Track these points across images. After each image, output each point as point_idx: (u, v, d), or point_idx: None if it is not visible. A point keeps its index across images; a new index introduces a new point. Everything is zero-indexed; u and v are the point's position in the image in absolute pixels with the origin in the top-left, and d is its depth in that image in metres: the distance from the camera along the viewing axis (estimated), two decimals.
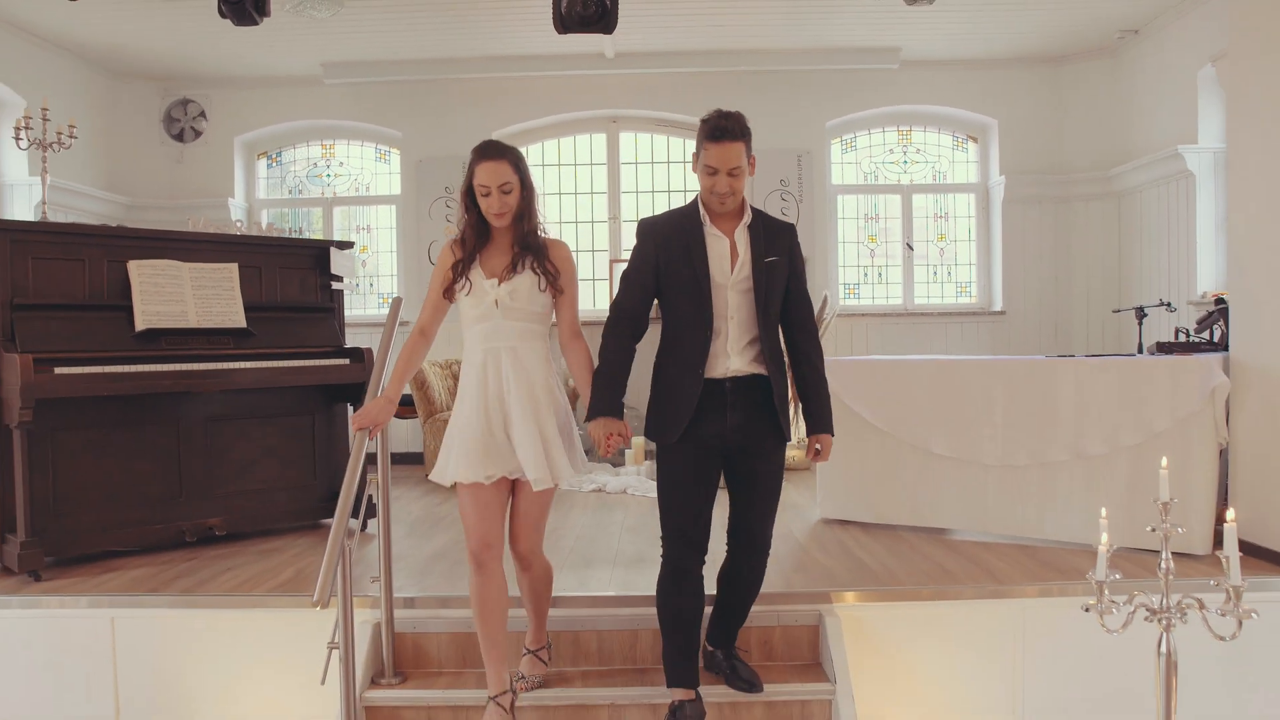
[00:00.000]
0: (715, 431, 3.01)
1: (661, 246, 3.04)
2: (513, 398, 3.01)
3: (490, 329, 3.03)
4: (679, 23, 6.76)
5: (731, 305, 3.01)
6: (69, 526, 4.22)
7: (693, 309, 2.99)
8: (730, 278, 3.00)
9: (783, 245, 3.06)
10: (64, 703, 3.71)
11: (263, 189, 8.16)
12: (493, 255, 3.07)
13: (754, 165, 3.05)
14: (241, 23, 4.58)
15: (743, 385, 3.02)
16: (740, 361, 3.01)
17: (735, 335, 3.01)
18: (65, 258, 4.31)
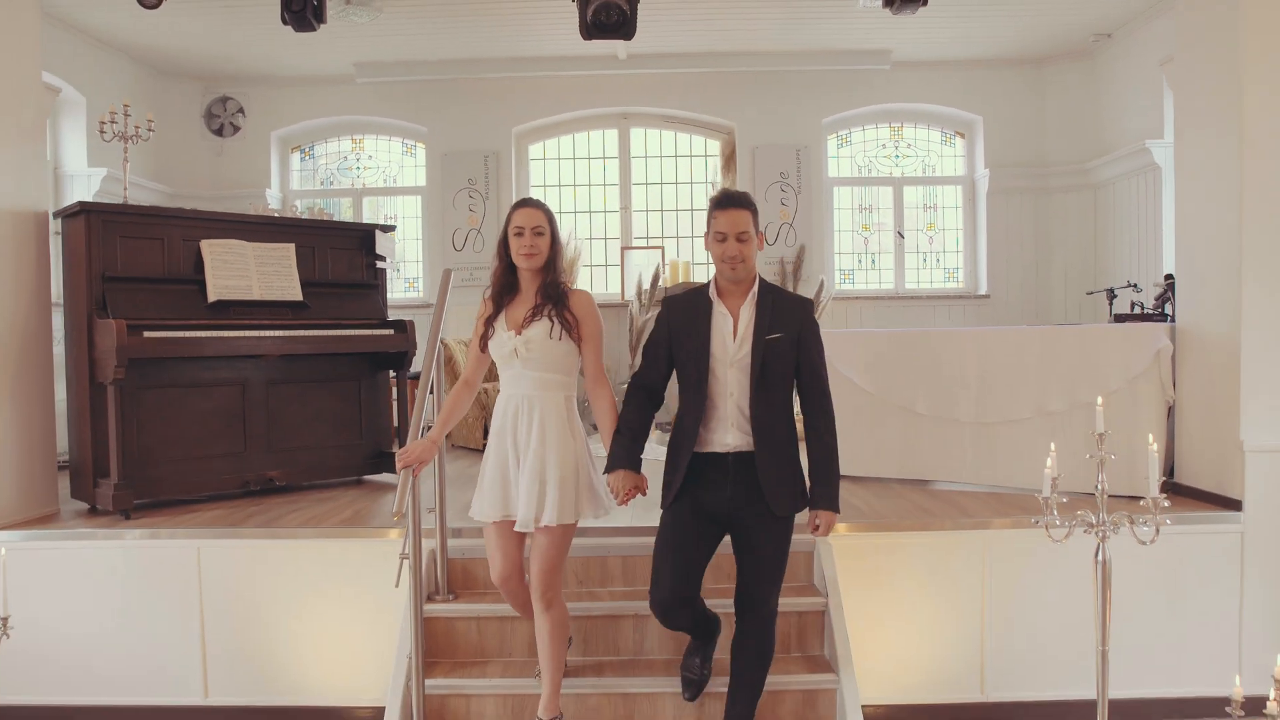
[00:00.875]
0: (716, 501, 3.12)
1: (675, 322, 3.18)
2: (525, 442, 3.19)
3: (512, 377, 3.23)
4: (687, 27, 7.31)
5: (731, 380, 3.10)
6: (150, 475, 4.77)
7: (695, 383, 3.12)
8: (730, 353, 3.10)
9: (791, 320, 3.10)
10: (156, 623, 4.26)
11: (296, 181, 8.72)
12: (518, 306, 3.26)
13: (763, 240, 3.18)
14: (301, 29, 5.14)
15: (745, 460, 3.10)
16: (739, 437, 3.10)
17: (734, 410, 3.10)
18: (146, 237, 4.87)
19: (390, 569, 4.07)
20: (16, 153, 4.62)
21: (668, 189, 8.61)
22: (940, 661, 4.22)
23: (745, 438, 3.08)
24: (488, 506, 3.24)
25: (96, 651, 4.26)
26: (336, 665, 4.22)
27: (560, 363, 3.21)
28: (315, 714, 4.25)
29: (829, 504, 3.12)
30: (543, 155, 8.63)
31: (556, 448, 3.18)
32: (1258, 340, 4.24)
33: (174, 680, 4.26)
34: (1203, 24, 4.53)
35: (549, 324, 3.17)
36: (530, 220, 3.22)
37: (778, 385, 3.09)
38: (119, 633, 4.27)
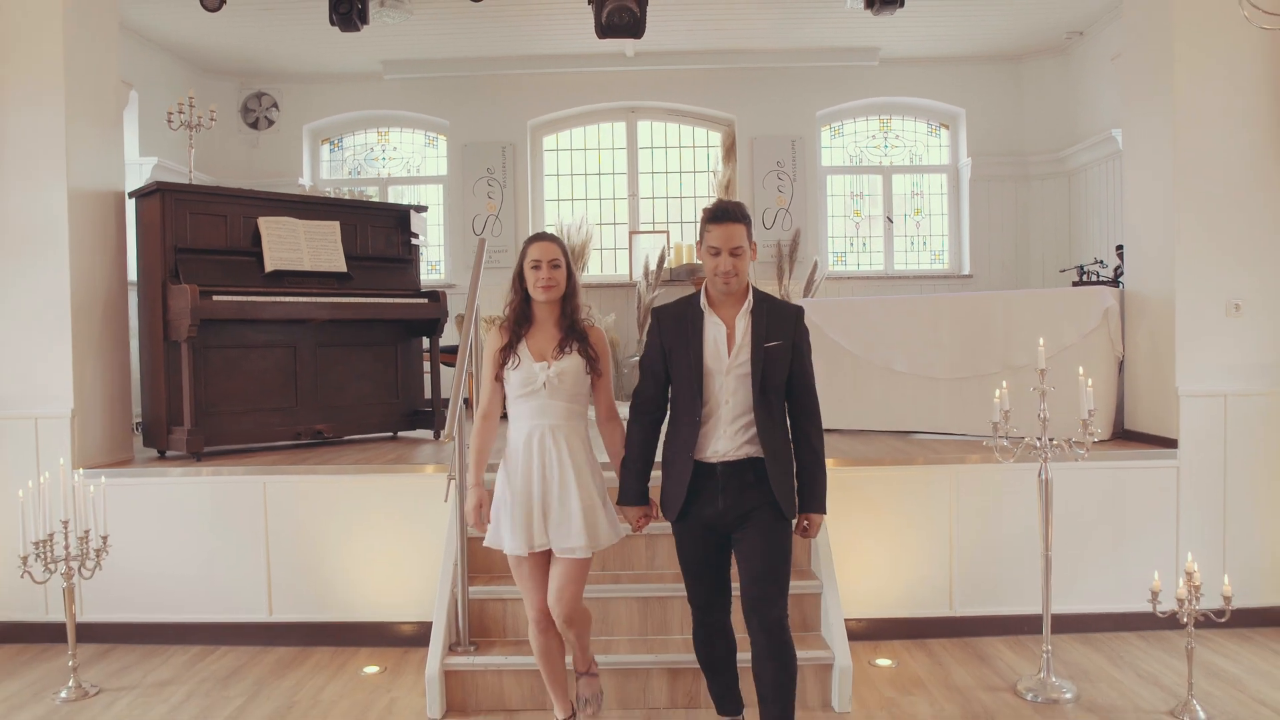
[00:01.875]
0: (711, 513, 3.16)
1: (667, 333, 3.22)
2: (555, 472, 3.26)
3: (537, 407, 3.29)
4: (690, 27, 7.91)
5: (726, 389, 3.12)
6: (214, 425, 5.38)
7: (688, 394, 3.15)
8: (725, 363, 3.12)
9: (786, 329, 3.14)
10: (226, 549, 4.87)
11: (325, 170, 9.33)
12: (538, 337, 3.34)
13: (755, 251, 3.16)
14: (347, 29, 5.75)
15: (733, 469, 3.12)
16: (730, 445, 3.12)
17: (727, 419, 3.12)
18: (211, 214, 5.48)
19: (429, 503, 4.71)
20: (100, 140, 5.23)
21: (672, 177, 9.22)
22: (914, 581, 4.82)
23: (734, 446, 3.11)
24: (520, 540, 3.28)
25: (175, 575, 4.87)
26: (383, 585, 4.82)
27: (584, 393, 3.34)
28: (365, 628, 4.86)
29: (818, 506, 3.19)
30: (556, 146, 9.25)
31: (588, 473, 3.30)
32: (1189, 301, 4.85)
33: (242, 599, 4.87)
34: (1143, 24, 5.14)
35: (580, 359, 3.29)
36: (547, 254, 3.30)
37: (776, 392, 3.13)
38: (194, 559, 4.88)
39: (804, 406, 3.20)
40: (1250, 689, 4.04)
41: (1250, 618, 4.81)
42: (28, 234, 4.93)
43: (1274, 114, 4.82)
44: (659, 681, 4.02)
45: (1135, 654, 4.49)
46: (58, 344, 4.93)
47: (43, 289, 4.93)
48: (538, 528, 3.27)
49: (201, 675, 4.45)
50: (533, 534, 3.27)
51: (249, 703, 4.10)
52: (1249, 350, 4.84)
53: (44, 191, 4.92)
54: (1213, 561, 4.75)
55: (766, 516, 3.11)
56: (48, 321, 4.93)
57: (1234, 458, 4.86)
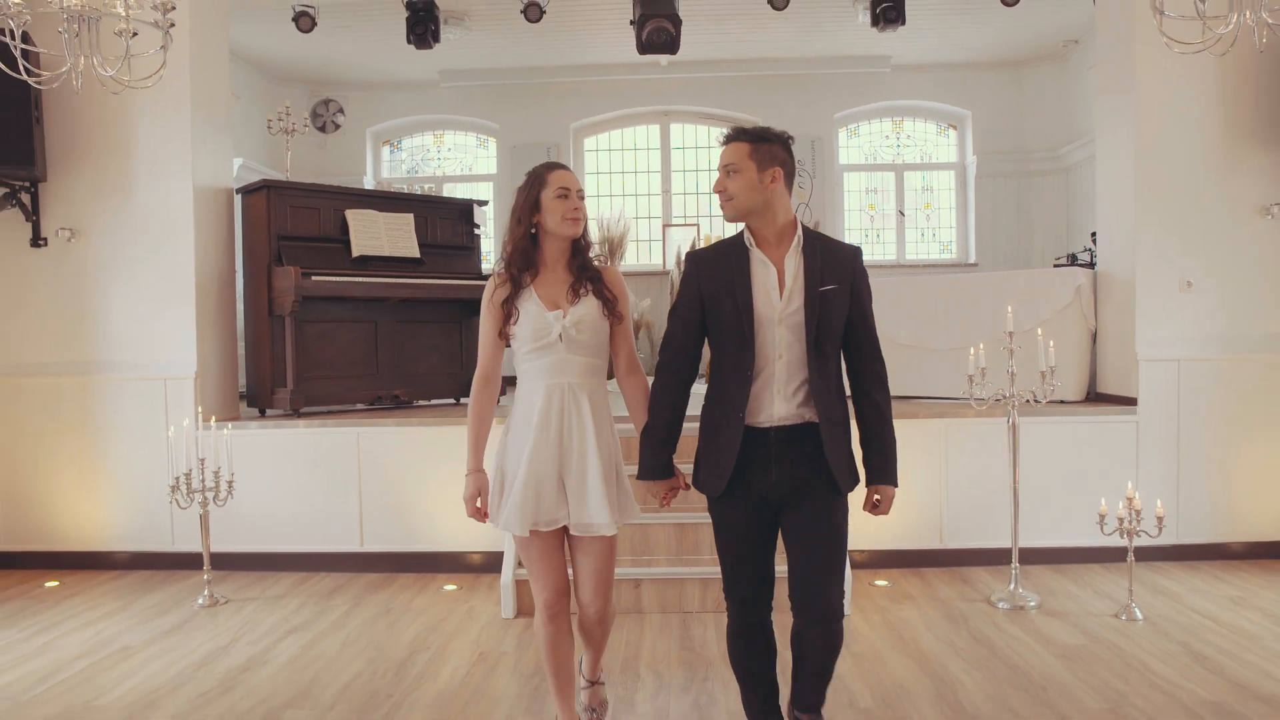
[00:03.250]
0: (763, 485, 2.75)
1: (706, 278, 2.80)
2: (575, 439, 2.85)
3: (553, 364, 2.86)
4: (719, 39, 8.73)
5: (780, 343, 2.71)
6: (309, 387, 6.28)
7: (735, 347, 2.73)
8: (778, 310, 2.71)
9: (844, 271, 2.74)
10: (326, 490, 5.77)
11: (386, 170, 10.26)
12: (547, 284, 2.92)
13: (779, 179, 2.75)
14: (421, 47, 6.66)
15: (790, 435, 2.73)
16: (786, 407, 2.72)
17: (783, 377, 2.72)
18: (307, 206, 6.38)
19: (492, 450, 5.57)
20: (215, 145, 6.15)
21: (703, 175, 10.07)
22: (909, 518, 5.63)
23: (791, 408, 2.71)
24: (528, 515, 2.83)
25: (281, 512, 5.78)
26: (457, 521, 5.68)
27: (603, 345, 2.92)
28: (441, 557, 5.73)
29: (888, 477, 2.81)
30: (596, 147, 10.11)
31: (611, 438, 2.92)
32: (1147, 279, 5.64)
33: (338, 533, 5.77)
34: (1111, 39, 5.93)
35: (596, 301, 2.89)
36: (574, 182, 2.91)
37: (831, 345, 2.73)
38: (297, 498, 5.78)
39: (866, 360, 2.81)
40: (1186, 601, 4.83)
41: (1197, 551, 5.60)
42: (157, 225, 5.85)
43: (1223, 119, 5.60)
44: (692, 589, 4.88)
45: (1096, 578, 5.29)
46: (184, 318, 5.85)
47: (170, 272, 5.84)
48: (552, 502, 2.84)
49: (309, 591, 5.35)
50: (542, 509, 2.84)
51: (352, 609, 4.99)
52: (1199, 322, 5.62)
53: (171, 189, 5.84)
54: (1167, 503, 5.53)
55: (823, 491, 2.73)
56: (175, 299, 5.85)
57: (1186, 414, 5.63)
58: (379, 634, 4.58)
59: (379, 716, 3.58)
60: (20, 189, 5.77)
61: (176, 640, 4.52)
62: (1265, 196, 5.60)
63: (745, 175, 2.73)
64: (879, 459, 2.82)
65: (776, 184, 2.75)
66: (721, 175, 2.78)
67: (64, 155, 5.84)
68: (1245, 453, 5.62)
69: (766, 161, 2.73)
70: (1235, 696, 3.58)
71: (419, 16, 6.75)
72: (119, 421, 5.90)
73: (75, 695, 3.85)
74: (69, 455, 5.92)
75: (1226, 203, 5.62)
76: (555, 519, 2.86)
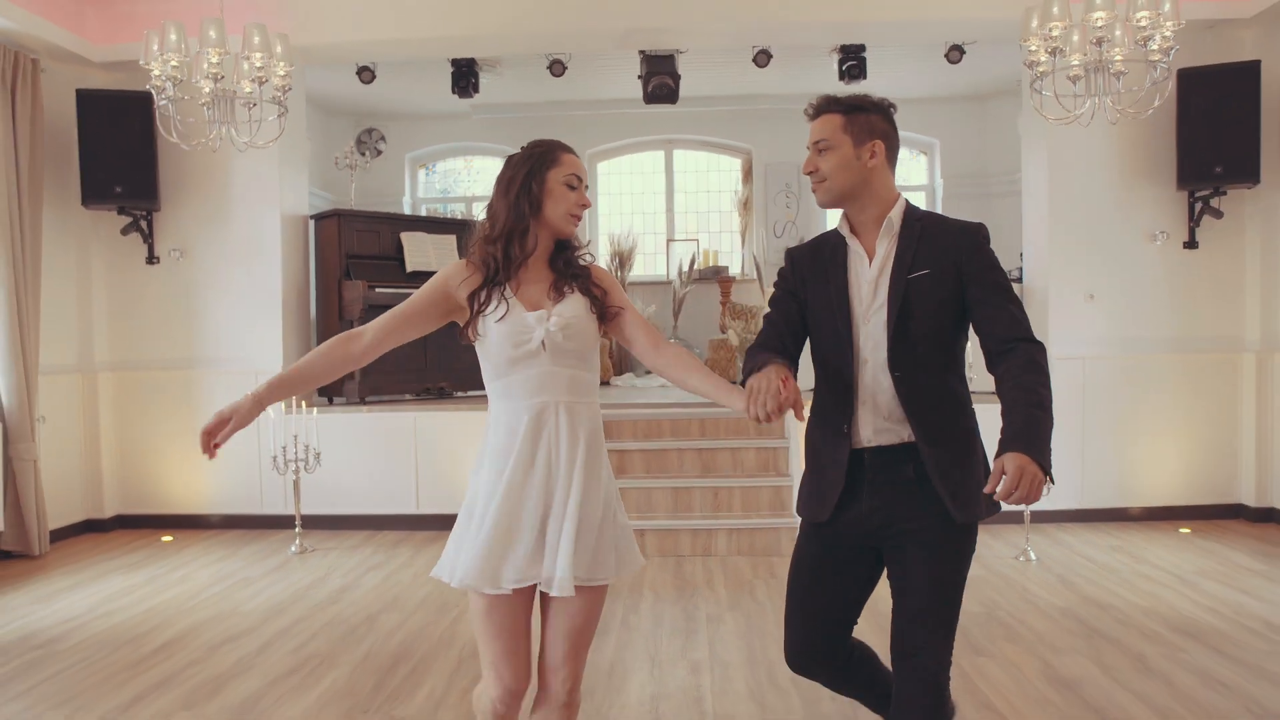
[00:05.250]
0: (852, 516, 2.37)
1: (801, 268, 2.48)
2: (562, 469, 2.31)
3: (537, 378, 2.33)
4: (716, 80, 9.99)
5: (867, 344, 2.33)
6: (371, 380, 7.58)
7: (833, 352, 2.37)
8: (865, 305, 2.35)
9: (945, 252, 2.30)
10: (387, 463, 7.07)
11: (421, 190, 11.56)
12: (527, 282, 2.39)
13: (880, 154, 2.38)
14: (464, 97, 7.95)
15: (884, 459, 2.33)
16: (876, 423, 2.32)
17: (870, 387, 2.32)
18: (368, 230, 7.69)
19: None
20: (294, 180, 7.47)
21: (702, 195, 11.35)
22: None
23: (881, 425, 2.32)
24: (491, 568, 2.26)
25: (351, 480, 7.08)
26: None
27: (593, 355, 2.42)
28: None
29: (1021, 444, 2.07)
30: (608, 171, 11.39)
31: (604, 472, 2.40)
32: (1058, 290, 6.91)
33: (399, 497, 7.07)
34: (1029, 92, 7.19)
35: (583, 300, 2.39)
36: (582, 170, 2.43)
37: (931, 343, 2.29)
38: (367, 470, 7.09)
39: (1003, 345, 2.27)
40: (1076, 549, 6.10)
41: (1100, 515, 6.85)
42: (249, 246, 7.18)
43: (1120, 162, 6.86)
44: (685, 538, 6.16)
45: (1012, 534, 6.54)
46: (271, 322, 7.17)
47: (260, 284, 7.16)
48: (527, 553, 2.28)
49: (377, 543, 6.65)
50: (511, 561, 2.27)
51: (415, 555, 6.29)
52: (1100, 327, 6.88)
53: (262, 217, 7.17)
54: (1075, 476, 6.80)
55: (933, 529, 2.29)
56: (264, 307, 7.17)
57: (1090, 403, 6.90)
58: None
59: (450, 618, 4.87)
60: (140, 218, 7.09)
61: (283, 574, 5.83)
62: (1154, 225, 6.86)
63: (840, 152, 2.38)
64: (1011, 423, 2.14)
65: (877, 159, 2.39)
66: (812, 153, 2.43)
67: (174, 189, 7.15)
68: (1139, 433, 6.88)
69: (864, 134, 2.39)
70: (1081, 605, 4.85)
71: (462, 71, 8.05)
72: (216, 407, 7.16)
73: (222, 604, 5.17)
74: (175, 434, 7.23)
75: (1124, 230, 6.88)
76: (526, 576, 2.27)
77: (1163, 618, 4.62)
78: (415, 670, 4.13)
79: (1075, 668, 3.93)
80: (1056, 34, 5.22)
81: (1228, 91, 6.44)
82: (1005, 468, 2.02)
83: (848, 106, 2.42)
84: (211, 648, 4.47)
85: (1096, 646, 4.20)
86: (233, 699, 3.84)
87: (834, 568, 2.44)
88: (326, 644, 4.50)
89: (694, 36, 7.44)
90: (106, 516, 7.23)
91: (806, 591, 2.46)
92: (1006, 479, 2.01)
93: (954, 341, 2.36)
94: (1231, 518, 6.86)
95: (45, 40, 6.39)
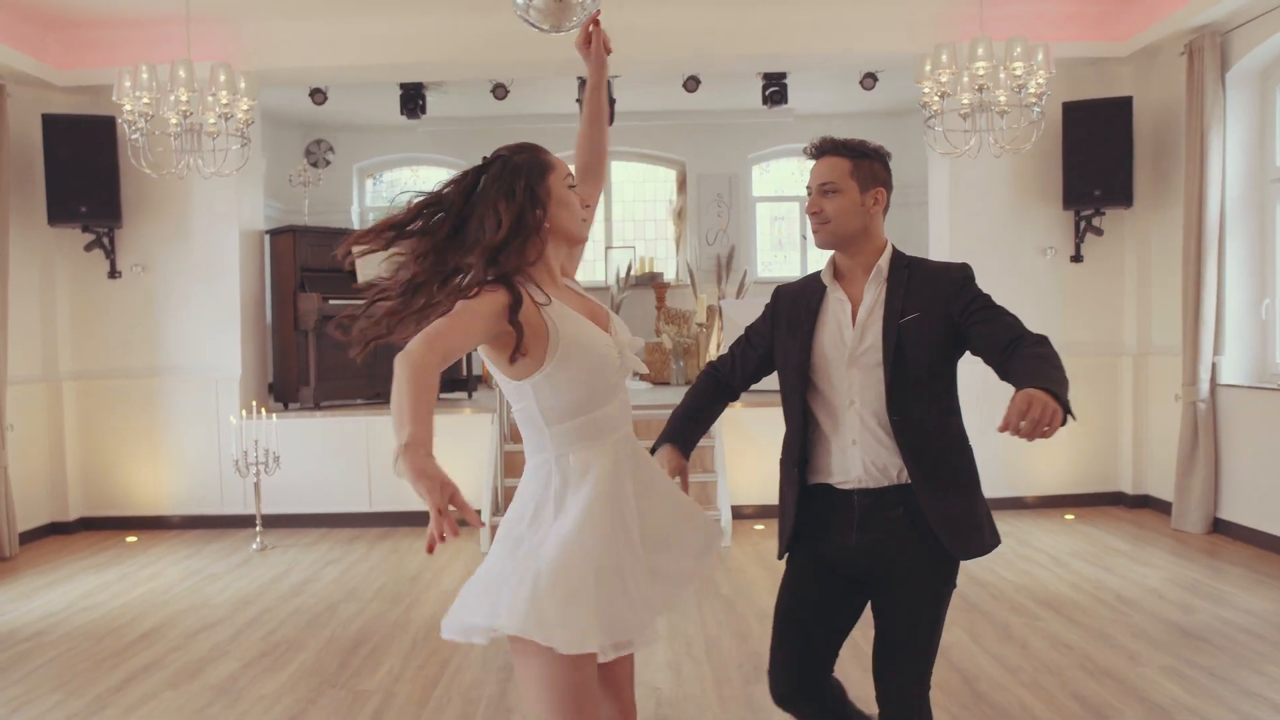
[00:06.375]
0: (838, 549, 2.37)
1: (781, 312, 2.52)
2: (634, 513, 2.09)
3: (618, 408, 2.13)
4: (650, 97, 10.56)
5: (854, 386, 2.34)
6: (326, 387, 8.05)
7: (797, 391, 2.41)
8: (848, 349, 2.35)
9: (934, 292, 2.34)
10: (342, 464, 7.55)
11: (369, 199, 11.99)
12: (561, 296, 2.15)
13: (882, 202, 2.44)
14: (412, 118, 8.43)
15: (876, 500, 2.33)
16: (866, 464, 2.32)
17: (857, 429, 2.33)
18: (321, 244, 8.14)
19: (469, 429, 7.39)
20: (251, 197, 7.90)
21: (638, 204, 11.93)
22: None
23: (872, 466, 2.33)
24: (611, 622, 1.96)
25: (307, 482, 7.54)
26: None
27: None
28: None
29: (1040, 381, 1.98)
30: None
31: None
32: None
33: (353, 496, 7.55)
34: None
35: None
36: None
37: (926, 382, 2.31)
38: (323, 471, 7.56)
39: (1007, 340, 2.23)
40: None
41: (998, 504, 7.39)
42: (208, 261, 7.60)
43: (1015, 182, 7.57)
44: None
45: None
46: (230, 333, 7.61)
47: (219, 297, 7.59)
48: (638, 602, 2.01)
49: (333, 540, 7.14)
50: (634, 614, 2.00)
51: (369, 550, 6.79)
52: None
53: (220, 233, 7.59)
54: None
55: (921, 566, 2.33)
56: (223, 318, 7.60)
57: (987, 404, 7.55)
58: (392, 563, 6.39)
59: (402, 607, 5.40)
60: (103, 235, 7.48)
61: (247, 570, 6.31)
62: (1045, 241, 7.59)
63: (847, 196, 2.41)
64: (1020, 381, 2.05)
65: (879, 207, 2.45)
66: (815, 195, 2.43)
67: (136, 208, 7.54)
68: None
69: (870, 181, 2.43)
70: (964, 583, 5.46)
71: (410, 94, 8.53)
72: (177, 413, 7.64)
73: (194, 597, 5.64)
74: (138, 439, 7.64)
75: (1018, 245, 7.59)
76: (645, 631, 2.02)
77: (1031, 593, 5.30)
78: (375, 651, 4.65)
79: (946, 636, 4.57)
80: (945, 80, 5.87)
81: (1105, 123, 7.17)
82: (1028, 403, 1.91)
83: (855, 151, 2.47)
84: (188, 636, 4.95)
85: (970, 618, 4.87)
86: (213, 678, 4.34)
87: (817, 597, 2.42)
88: (293, 630, 5.01)
89: (628, 65, 7.99)
90: (71, 519, 7.61)
91: (790, 621, 2.44)
92: (1013, 406, 1.89)
93: (949, 382, 2.40)
94: (1112, 504, 7.62)
95: (9, 66, 6.76)
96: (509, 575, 1.98)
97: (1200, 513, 6.63)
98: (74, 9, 6.92)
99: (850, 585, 2.42)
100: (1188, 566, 5.80)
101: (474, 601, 2.01)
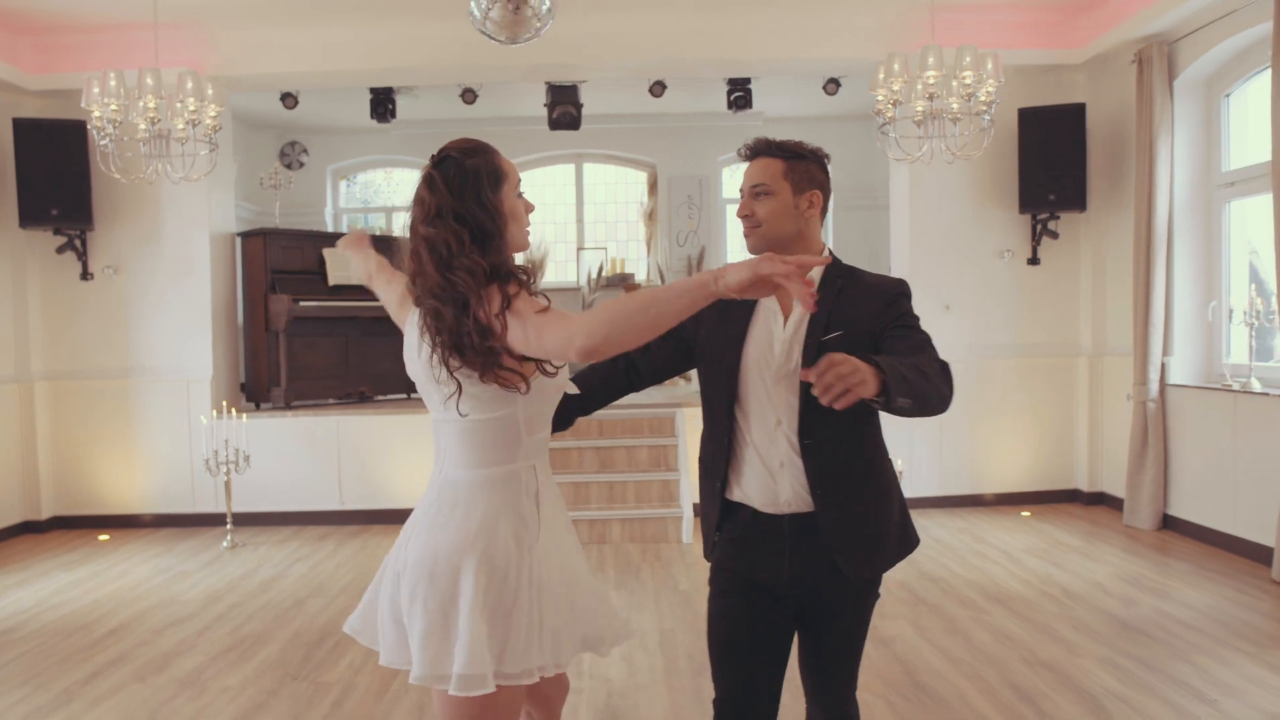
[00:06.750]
0: (770, 577, 2.27)
1: (707, 318, 2.30)
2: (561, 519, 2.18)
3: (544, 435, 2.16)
4: (620, 101, 10.69)
5: (780, 405, 2.21)
6: (296, 386, 8.14)
7: (720, 403, 2.28)
8: (774, 366, 2.22)
9: (864, 309, 2.23)
10: (313, 463, 7.65)
11: (343, 200, 12.07)
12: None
13: (818, 204, 2.34)
14: (383, 122, 8.53)
15: (804, 525, 2.23)
16: (794, 489, 2.22)
17: (786, 451, 2.21)
18: (293, 247, 8.24)
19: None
20: (222, 200, 7.98)
21: (610, 206, 12.06)
22: None
23: (799, 490, 2.22)
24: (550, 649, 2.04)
25: (278, 480, 7.64)
26: (413, 482, 7.61)
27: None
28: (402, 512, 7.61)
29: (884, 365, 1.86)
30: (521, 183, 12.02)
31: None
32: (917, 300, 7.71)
33: (323, 494, 7.65)
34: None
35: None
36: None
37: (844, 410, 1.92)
38: (293, 470, 7.66)
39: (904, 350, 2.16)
40: (931, 532, 6.93)
41: (958, 501, 7.73)
42: (180, 263, 7.68)
43: (973, 186, 7.74)
44: (616, 526, 6.88)
45: None
46: (201, 334, 7.69)
47: (190, 299, 7.68)
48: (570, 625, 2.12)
49: (304, 537, 7.24)
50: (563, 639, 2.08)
51: (339, 547, 6.89)
52: (956, 334, 7.75)
53: (192, 236, 7.67)
54: (934, 466, 7.67)
55: (846, 593, 2.29)
56: (194, 320, 7.68)
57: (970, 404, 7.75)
58: (361, 560, 6.50)
59: None
60: (75, 237, 7.55)
61: (217, 567, 6.40)
62: (1001, 244, 7.76)
63: (779, 199, 2.30)
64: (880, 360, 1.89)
65: (814, 210, 2.34)
66: (746, 198, 2.33)
67: (108, 211, 7.62)
68: (991, 429, 7.77)
69: (804, 183, 2.33)
70: (916, 578, 5.67)
71: (380, 99, 8.64)
72: (149, 413, 7.72)
73: (164, 593, 5.74)
74: (110, 439, 7.72)
75: (976, 247, 7.77)
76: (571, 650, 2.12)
77: (981, 588, 5.47)
78: (338, 645, 4.77)
79: (893, 629, 4.73)
80: (898, 88, 6.03)
81: (1060, 129, 7.35)
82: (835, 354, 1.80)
83: (789, 153, 2.36)
84: (156, 631, 5.06)
85: (917, 612, 5.02)
86: (179, 671, 4.45)
87: (751, 622, 2.30)
88: (260, 625, 5.12)
89: (596, 71, 8.13)
90: (44, 518, 7.68)
91: (733, 650, 2.31)
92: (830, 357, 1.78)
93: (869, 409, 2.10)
94: (1068, 501, 7.81)
95: None
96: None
97: (1150, 510, 6.82)
98: (46, 14, 7.00)
99: (776, 609, 2.31)
100: (1135, 562, 5.98)
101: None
